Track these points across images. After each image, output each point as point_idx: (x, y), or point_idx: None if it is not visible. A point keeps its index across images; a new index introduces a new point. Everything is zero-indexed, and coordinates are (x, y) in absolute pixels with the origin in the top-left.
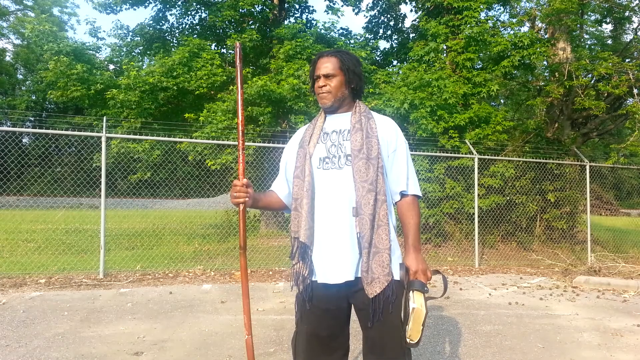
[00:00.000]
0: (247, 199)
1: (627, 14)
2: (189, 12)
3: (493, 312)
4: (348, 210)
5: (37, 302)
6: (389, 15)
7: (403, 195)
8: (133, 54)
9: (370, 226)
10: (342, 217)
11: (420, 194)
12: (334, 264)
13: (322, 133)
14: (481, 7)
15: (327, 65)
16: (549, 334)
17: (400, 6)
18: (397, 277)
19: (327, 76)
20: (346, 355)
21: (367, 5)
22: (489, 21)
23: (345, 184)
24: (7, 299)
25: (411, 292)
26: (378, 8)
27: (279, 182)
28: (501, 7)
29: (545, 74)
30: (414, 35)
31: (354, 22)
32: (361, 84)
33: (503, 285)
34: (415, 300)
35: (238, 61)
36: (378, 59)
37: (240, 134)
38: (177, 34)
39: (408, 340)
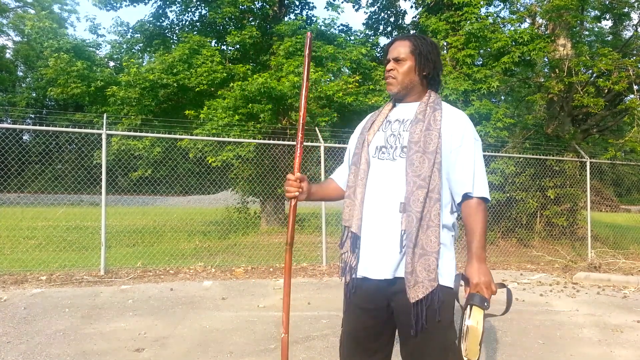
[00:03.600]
0: (298, 193)
1: (626, 10)
2: (189, 9)
3: (493, 308)
4: (396, 205)
5: (38, 299)
6: (389, 12)
7: (467, 197)
8: (133, 50)
9: (418, 225)
10: (389, 212)
11: (488, 196)
12: (375, 259)
13: (385, 121)
14: (481, 3)
15: (399, 48)
16: (549, 329)
17: (400, 2)
18: (443, 282)
19: (396, 60)
20: (388, 356)
21: (367, 1)
22: (489, 17)
23: (396, 177)
24: (8, 296)
25: (469, 307)
26: (378, 4)
27: (340, 170)
28: (501, 4)
29: (546, 70)
30: (414, 31)
31: (354, 18)
32: (436, 72)
33: (503, 281)
34: (472, 317)
35: (307, 51)
36: (378, 55)
37: (301, 126)
38: (177, 31)
39: (465, 359)
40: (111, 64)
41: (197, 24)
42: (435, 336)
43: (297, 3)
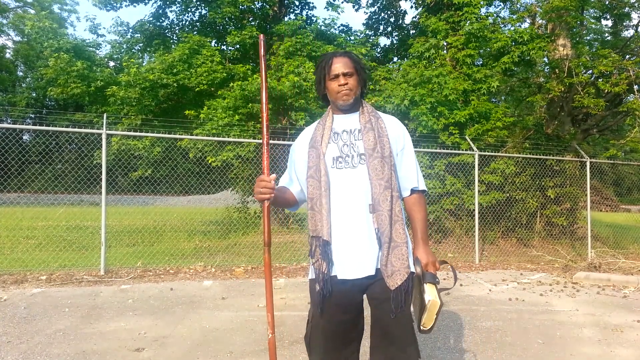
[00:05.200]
0: (271, 195)
1: (626, 10)
2: (189, 9)
3: (493, 308)
4: (365, 207)
5: (39, 299)
6: (389, 12)
7: (413, 191)
8: (133, 50)
9: (389, 222)
10: (359, 214)
11: (426, 189)
12: (354, 260)
13: (333, 133)
14: (481, 3)
15: (344, 64)
16: (549, 329)
17: (400, 2)
18: (413, 269)
19: (346, 74)
20: (360, 342)
21: (367, 1)
22: (489, 17)
23: (360, 182)
24: (8, 296)
25: (424, 284)
26: (378, 4)
27: (289, 180)
28: (501, 4)
29: (546, 70)
30: (414, 31)
31: (354, 18)
32: (366, 84)
33: (503, 281)
34: (430, 293)
35: (262, 53)
36: (378, 55)
37: (265, 129)
38: (177, 31)
39: (422, 327)
40: (111, 64)
41: (197, 24)
42: (407, 314)
43: (297, 3)
